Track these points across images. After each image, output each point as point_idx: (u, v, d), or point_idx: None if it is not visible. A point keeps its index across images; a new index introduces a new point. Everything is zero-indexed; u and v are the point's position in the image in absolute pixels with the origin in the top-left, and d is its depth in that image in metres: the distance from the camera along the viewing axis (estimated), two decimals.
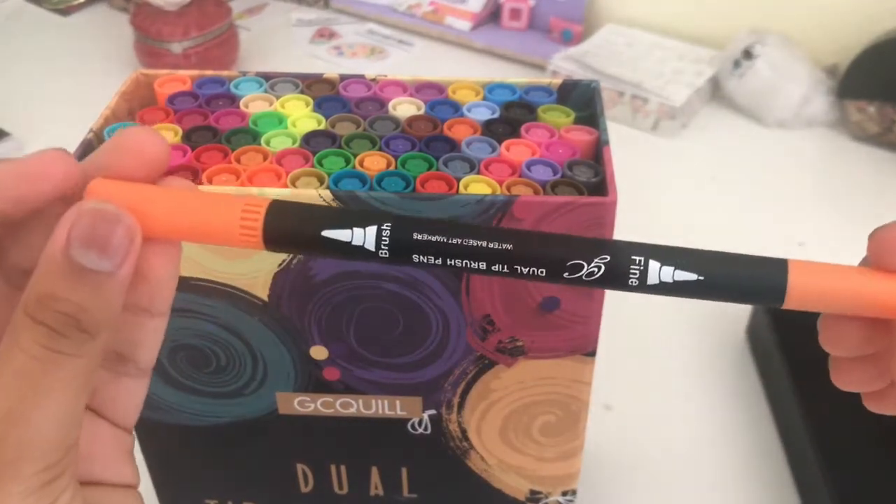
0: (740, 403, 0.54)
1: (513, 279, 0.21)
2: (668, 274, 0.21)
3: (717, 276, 0.21)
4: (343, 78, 0.38)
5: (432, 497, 0.42)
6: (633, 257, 0.21)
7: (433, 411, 0.38)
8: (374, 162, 0.33)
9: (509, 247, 0.21)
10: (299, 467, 0.41)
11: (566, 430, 0.38)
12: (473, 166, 0.33)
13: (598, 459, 0.49)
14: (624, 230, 0.35)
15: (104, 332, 0.20)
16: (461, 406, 0.38)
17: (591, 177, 0.32)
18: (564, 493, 0.41)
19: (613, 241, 0.21)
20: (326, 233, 0.21)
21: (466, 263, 0.21)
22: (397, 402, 0.37)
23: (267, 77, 0.38)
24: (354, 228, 0.21)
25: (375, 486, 0.42)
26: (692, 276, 0.21)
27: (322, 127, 0.35)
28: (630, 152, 0.73)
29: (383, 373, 0.36)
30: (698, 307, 0.59)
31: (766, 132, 0.80)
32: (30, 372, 0.19)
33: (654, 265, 0.21)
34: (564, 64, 0.82)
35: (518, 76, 0.40)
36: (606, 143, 0.33)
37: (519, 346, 0.35)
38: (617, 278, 0.21)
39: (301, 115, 0.35)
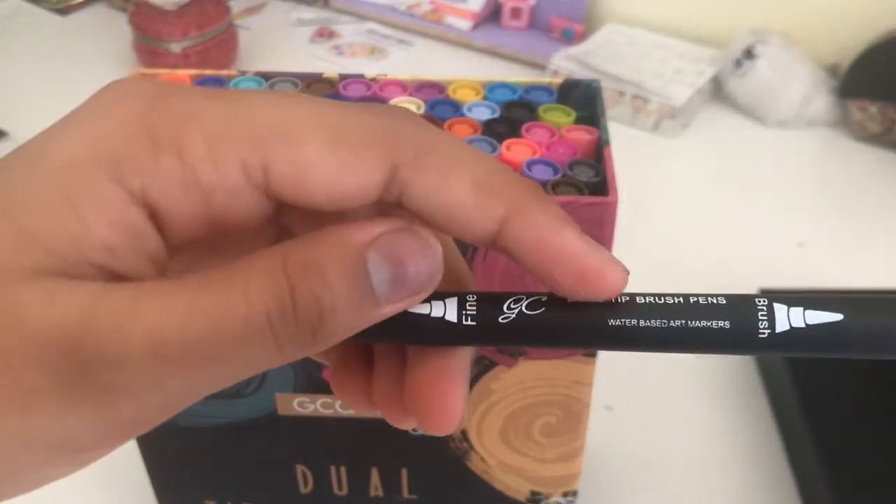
0: (741, 404, 0.54)
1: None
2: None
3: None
4: (343, 77, 0.38)
5: (432, 498, 0.42)
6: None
7: None
8: None
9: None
10: (299, 468, 0.41)
11: (567, 431, 0.38)
12: None
13: (600, 460, 0.49)
14: (625, 230, 0.35)
15: (308, 352, 0.17)
16: None
17: (591, 176, 0.32)
18: (565, 494, 0.41)
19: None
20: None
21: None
22: None
23: (266, 77, 0.37)
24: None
25: (375, 487, 0.41)
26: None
27: None
28: (631, 152, 0.73)
29: None
30: None
31: (767, 132, 0.80)
32: (230, 325, 0.16)
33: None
34: (565, 63, 0.82)
35: (518, 76, 0.40)
36: (607, 142, 0.33)
37: (519, 347, 0.35)
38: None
39: None
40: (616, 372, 0.49)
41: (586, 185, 0.32)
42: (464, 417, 0.19)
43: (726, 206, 0.71)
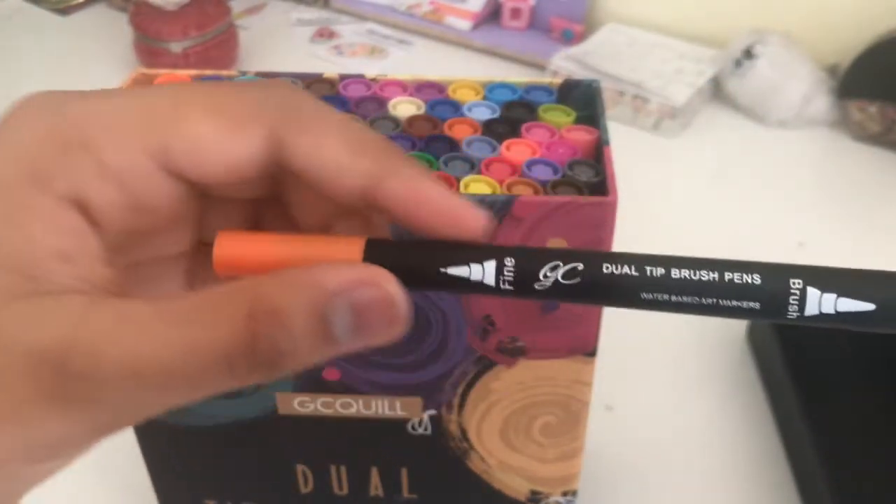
0: (741, 403, 0.54)
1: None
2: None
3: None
4: (343, 77, 0.38)
5: (432, 498, 0.42)
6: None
7: (433, 411, 0.38)
8: None
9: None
10: (299, 468, 0.41)
11: (567, 431, 0.38)
12: (474, 166, 0.33)
13: (599, 460, 0.49)
14: (624, 230, 0.35)
15: (266, 381, 0.18)
16: (461, 406, 0.37)
17: (591, 176, 0.32)
18: (565, 494, 0.41)
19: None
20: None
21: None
22: (397, 403, 0.37)
23: (266, 76, 0.37)
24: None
25: (375, 486, 0.41)
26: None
27: None
28: (631, 152, 0.73)
29: (383, 373, 0.36)
30: None
31: (767, 132, 0.80)
32: (195, 358, 0.17)
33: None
34: (565, 63, 0.82)
35: (518, 76, 0.40)
36: (607, 142, 0.33)
37: (519, 347, 0.35)
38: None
39: None
40: (616, 372, 0.49)
41: (586, 185, 0.32)
42: None
43: (726, 206, 0.71)
